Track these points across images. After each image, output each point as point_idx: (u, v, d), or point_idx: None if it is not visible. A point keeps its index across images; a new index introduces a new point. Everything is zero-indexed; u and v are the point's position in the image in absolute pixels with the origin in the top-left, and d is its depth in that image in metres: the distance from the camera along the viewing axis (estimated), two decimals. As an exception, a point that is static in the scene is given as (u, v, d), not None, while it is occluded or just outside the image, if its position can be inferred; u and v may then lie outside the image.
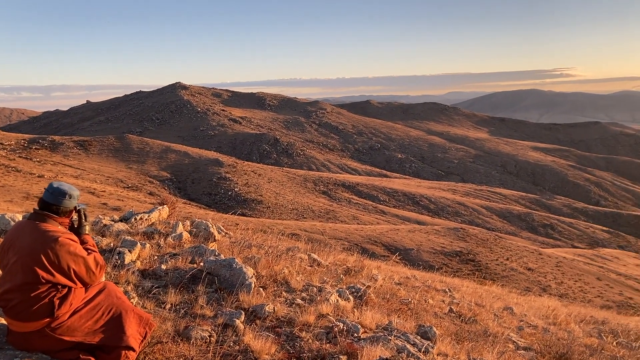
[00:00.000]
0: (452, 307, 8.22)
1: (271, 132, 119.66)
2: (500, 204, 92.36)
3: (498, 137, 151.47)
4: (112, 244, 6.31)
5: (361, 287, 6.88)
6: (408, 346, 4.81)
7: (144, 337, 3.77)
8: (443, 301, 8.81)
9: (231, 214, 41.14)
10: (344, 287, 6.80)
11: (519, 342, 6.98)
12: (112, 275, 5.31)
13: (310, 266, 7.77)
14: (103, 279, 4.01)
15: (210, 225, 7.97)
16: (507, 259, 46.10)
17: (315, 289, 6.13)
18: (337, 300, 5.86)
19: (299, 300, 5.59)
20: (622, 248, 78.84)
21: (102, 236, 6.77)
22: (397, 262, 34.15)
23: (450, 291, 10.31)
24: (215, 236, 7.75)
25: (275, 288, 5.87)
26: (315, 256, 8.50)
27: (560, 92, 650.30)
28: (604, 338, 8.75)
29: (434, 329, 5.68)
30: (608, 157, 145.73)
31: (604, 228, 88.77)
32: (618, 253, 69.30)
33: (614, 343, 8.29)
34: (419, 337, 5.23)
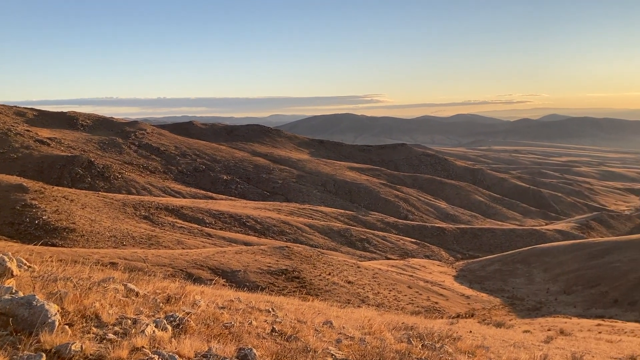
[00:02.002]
0: (275, 326, 8.34)
1: (85, 154, 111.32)
2: (321, 221, 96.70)
3: (318, 158, 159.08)
4: None
5: (181, 314, 6.66)
6: (228, 371, 4.75)
7: None
8: (266, 321, 8.89)
9: (34, 245, 37.23)
10: (162, 316, 6.52)
11: (337, 355, 7.31)
12: None
13: (126, 297, 7.33)
14: None
15: (8, 259, 7.11)
16: (329, 274, 48.26)
17: (129, 321, 5.77)
18: (154, 331, 5.59)
19: (110, 335, 5.22)
20: (428, 257, 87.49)
21: None
22: (223, 285, 33.79)
23: (274, 310, 10.46)
24: (13, 271, 6.92)
25: (84, 324, 5.41)
26: (132, 286, 8.04)
27: (371, 117, 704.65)
28: (412, 342, 9.55)
29: (254, 350, 5.70)
30: (413, 175, 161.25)
31: (412, 240, 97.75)
32: (425, 262, 76.72)
33: (420, 346, 9.09)
34: (239, 361, 5.20)
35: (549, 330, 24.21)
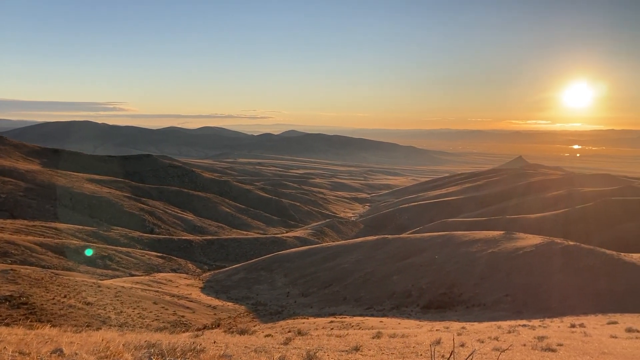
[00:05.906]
0: (-11, 362, 7.24)
1: None
2: (56, 239, 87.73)
3: (52, 169, 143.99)
4: None
5: None
6: None
7: None
8: (-23, 358, 7.67)
9: None
10: None
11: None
12: None
13: None
14: None
15: None
16: (65, 296, 43.98)
17: None
18: None
19: None
20: (175, 271, 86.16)
21: None
22: None
23: (-11, 344, 9.08)
24: None
25: None
26: None
27: (114, 125, 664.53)
28: None
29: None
30: (160, 187, 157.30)
31: (159, 254, 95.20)
32: (171, 276, 75.33)
33: (160, 362, 8.85)
34: None
35: (288, 332, 25.85)
